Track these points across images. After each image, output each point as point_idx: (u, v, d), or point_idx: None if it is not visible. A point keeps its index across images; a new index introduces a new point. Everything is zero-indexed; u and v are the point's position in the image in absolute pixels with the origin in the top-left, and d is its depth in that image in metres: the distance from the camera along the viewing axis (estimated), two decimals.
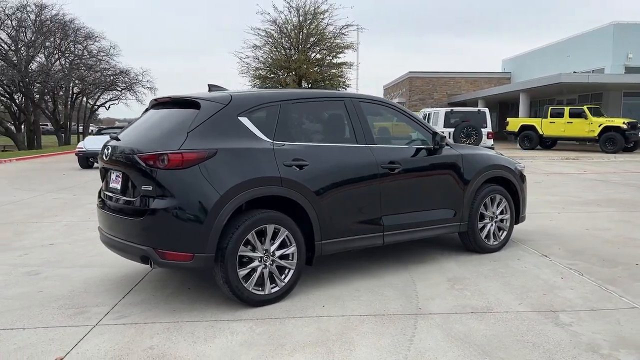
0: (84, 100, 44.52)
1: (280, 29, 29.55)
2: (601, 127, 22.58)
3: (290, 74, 29.00)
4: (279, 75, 29.68)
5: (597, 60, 29.93)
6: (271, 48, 30.17)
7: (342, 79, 30.66)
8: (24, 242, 6.59)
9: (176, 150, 3.90)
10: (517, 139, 25.46)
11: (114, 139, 4.54)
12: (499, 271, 5.08)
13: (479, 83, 40.12)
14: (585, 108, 23.42)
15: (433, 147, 5.22)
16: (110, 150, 4.37)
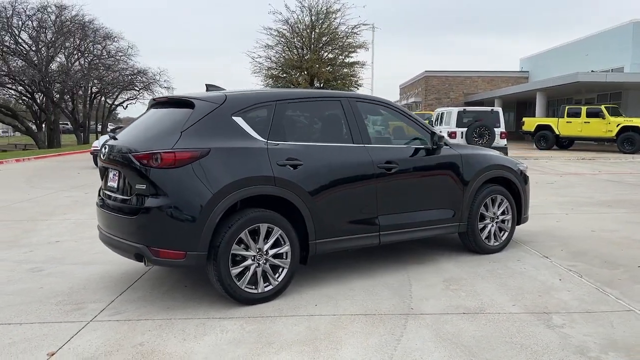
0: (102, 99, 45.11)
1: (292, 29, 29.62)
2: (619, 127, 22.19)
3: (303, 73, 29.05)
4: (291, 75, 29.74)
5: (616, 59, 29.42)
6: (283, 48, 30.28)
7: (355, 78, 30.64)
8: (31, 239, 6.71)
9: (169, 149, 3.95)
10: (534, 138, 25.15)
11: (112, 138, 4.61)
12: (497, 272, 5.04)
13: (496, 82, 39.71)
14: (603, 107, 23.04)
15: (431, 147, 5.20)
16: (108, 149, 4.44)
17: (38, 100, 38.74)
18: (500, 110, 16.66)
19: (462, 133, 16.05)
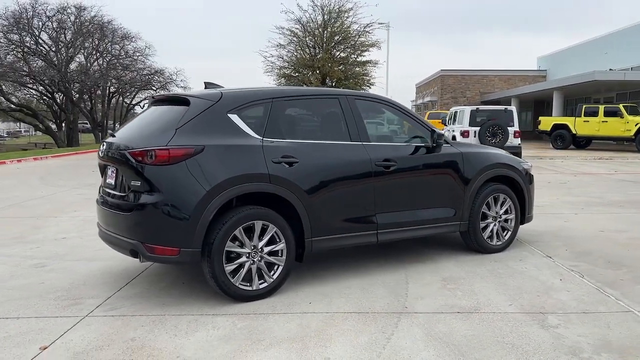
0: (120, 99, 45.62)
1: (304, 28, 29.63)
2: (638, 127, 21.81)
3: (315, 72, 29.05)
4: (303, 74, 29.75)
5: (636, 57, 28.91)
6: (295, 47, 30.30)
7: (367, 77, 30.53)
8: (39, 236, 6.81)
9: (163, 146, 3.97)
10: (550, 138, 24.84)
11: (111, 135, 4.66)
12: (497, 272, 4.99)
13: (513, 81, 39.29)
14: (621, 106, 22.66)
15: (431, 145, 5.16)
16: (106, 147, 4.48)
17: (58, 100, 39.36)
18: (514, 109, 16.46)
19: (475, 132, 15.90)
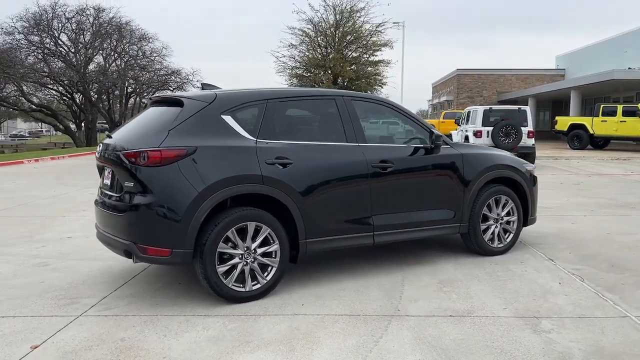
0: (137, 99, 46.09)
1: (316, 27, 29.61)
2: None
3: (327, 72, 29.00)
4: (315, 74, 29.72)
5: None
6: (307, 47, 30.30)
7: (379, 77, 30.40)
8: (46, 235, 6.91)
9: (156, 147, 4.00)
10: (567, 138, 24.48)
11: (107, 136, 4.70)
12: (496, 274, 4.93)
13: (530, 80, 38.80)
14: None
15: (430, 146, 5.11)
16: (103, 148, 4.53)
17: (77, 100, 39.91)
18: (527, 109, 16.22)
19: (488, 132, 15.71)
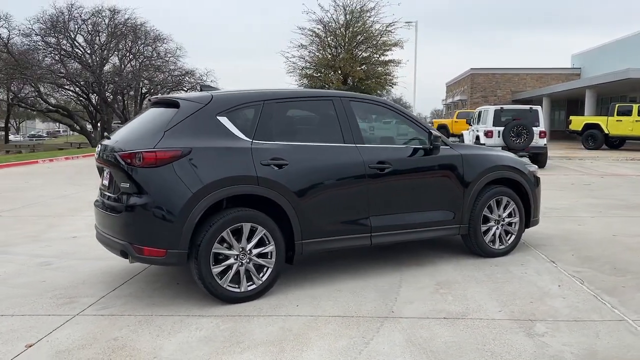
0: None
1: (325, 27, 29.58)
2: None
3: (336, 72, 28.97)
4: (325, 74, 29.70)
5: None
6: (317, 47, 30.28)
7: (390, 76, 30.29)
8: (52, 234, 7.00)
9: (151, 148, 4.03)
10: (581, 138, 24.17)
11: (106, 137, 4.75)
12: (495, 276, 4.88)
13: (545, 80, 38.38)
14: None
15: (428, 147, 5.08)
16: (101, 149, 4.57)
17: (93, 101, 40.38)
18: (539, 108, 16.04)
19: (499, 132, 15.57)
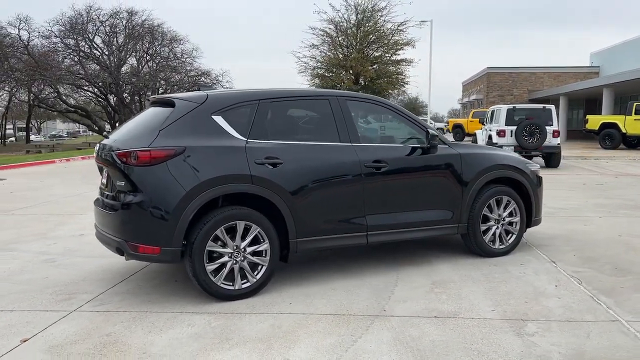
0: None
1: (337, 27, 29.58)
2: None
3: (348, 72, 28.96)
4: (337, 74, 29.69)
5: None
6: (329, 47, 30.30)
7: (402, 75, 30.18)
8: (60, 232, 7.12)
9: (145, 147, 4.09)
10: (598, 137, 23.83)
11: (105, 137, 4.82)
12: (493, 276, 4.86)
13: (563, 78, 37.90)
14: None
15: (426, 146, 5.07)
16: (100, 148, 4.65)
17: (111, 101, 40.93)
18: (552, 107, 15.84)
19: (512, 132, 15.42)
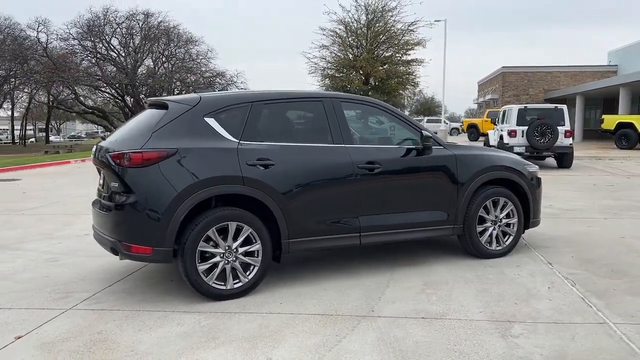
0: None
1: (347, 28, 29.57)
2: None
3: (358, 72, 28.94)
4: (347, 74, 29.69)
5: None
6: (339, 47, 30.32)
7: (412, 75, 30.06)
8: (65, 232, 7.26)
9: (138, 149, 4.16)
10: (614, 137, 23.51)
11: (102, 139, 4.92)
12: (487, 277, 4.85)
13: (580, 77, 37.42)
14: None
15: (420, 148, 5.08)
16: (96, 150, 4.74)
17: (128, 102, 41.45)
18: (564, 107, 15.68)
19: (523, 132, 15.29)
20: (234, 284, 4.36)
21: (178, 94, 44.39)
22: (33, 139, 63.76)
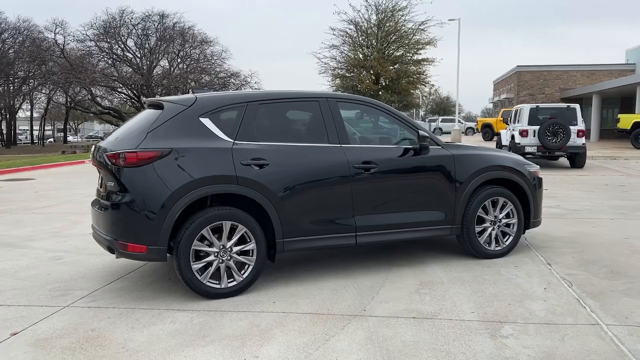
0: None
1: (357, 27, 29.55)
2: None
3: (369, 72, 28.89)
4: (357, 74, 29.65)
5: None
6: (349, 47, 30.32)
7: (423, 75, 29.90)
8: (72, 231, 7.37)
9: (132, 149, 4.22)
10: (630, 137, 23.15)
11: (100, 139, 4.98)
12: (483, 277, 4.83)
13: (597, 76, 36.88)
14: None
15: (417, 147, 5.07)
16: (94, 150, 4.81)
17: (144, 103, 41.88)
18: (577, 107, 15.48)
19: (535, 131, 15.13)
20: (229, 282, 4.40)
21: None
22: (52, 139, 64.75)
